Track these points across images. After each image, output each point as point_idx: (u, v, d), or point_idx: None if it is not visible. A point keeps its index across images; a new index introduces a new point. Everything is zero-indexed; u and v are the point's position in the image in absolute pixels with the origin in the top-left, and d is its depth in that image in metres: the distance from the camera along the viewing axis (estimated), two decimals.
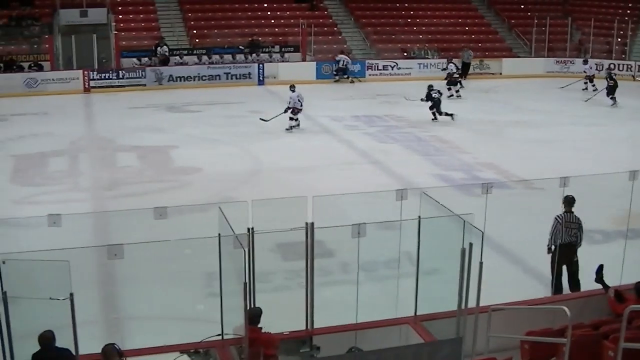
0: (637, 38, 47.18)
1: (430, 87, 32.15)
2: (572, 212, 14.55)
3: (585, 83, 39.60)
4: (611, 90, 35.70)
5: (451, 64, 39.55)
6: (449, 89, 37.68)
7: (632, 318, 10.71)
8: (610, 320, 11.52)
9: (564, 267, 14.70)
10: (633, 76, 43.61)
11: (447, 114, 31.68)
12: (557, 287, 14.54)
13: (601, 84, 37.07)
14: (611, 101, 35.56)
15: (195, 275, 14.69)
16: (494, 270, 12.90)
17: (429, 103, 31.71)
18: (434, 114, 31.56)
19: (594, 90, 37.68)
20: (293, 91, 29.58)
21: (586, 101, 36.03)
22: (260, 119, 29.98)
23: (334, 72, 42.14)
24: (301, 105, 29.52)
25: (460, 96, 37.83)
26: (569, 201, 14.54)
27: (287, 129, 29.03)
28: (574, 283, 14.52)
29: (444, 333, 10.95)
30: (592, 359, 10.68)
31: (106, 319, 14.37)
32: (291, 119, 29.28)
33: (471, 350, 10.92)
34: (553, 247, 14.64)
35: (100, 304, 14.78)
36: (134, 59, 40.09)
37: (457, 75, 38.93)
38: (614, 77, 36.49)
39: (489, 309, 11.53)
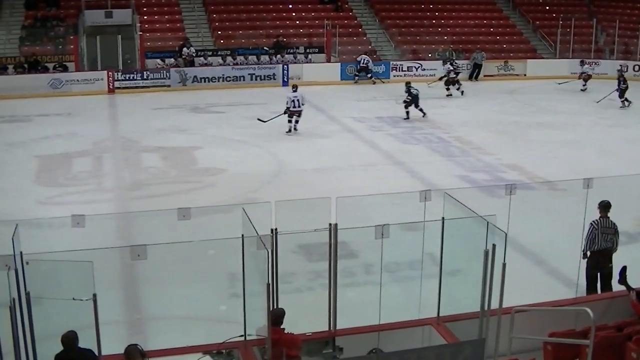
0: None
1: (408, 84, 32.91)
2: (608, 217, 14.36)
3: (584, 85, 39.73)
4: (622, 93, 35.54)
5: (447, 65, 39.76)
6: (447, 89, 38.33)
7: None
8: (634, 321, 11.47)
9: (598, 273, 14.55)
10: None
11: (421, 110, 32.32)
12: (590, 293, 14.41)
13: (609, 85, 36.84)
14: (621, 103, 35.44)
15: (219, 276, 14.72)
16: (517, 271, 12.86)
17: (409, 98, 32.41)
18: (420, 110, 32.34)
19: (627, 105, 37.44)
20: (294, 91, 29.45)
21: (598, 102, 35.76)
22: (258, 119, 29.92)
23: (355, 73, 41.91)
24: (298, 107, 29.16)
25: (463, 91, 38.59)
26: (604, 206, 14.38)
27: (286, 132, 29.13)
28: (607, 289, 14.36)
29: (467, 334, 10.92)
30: None
31: (129, 319, 14.42)
32: (289, 121, 29.28)
33: (494, 351, 10.88)
34: (589, 253, 14.43)
35: (123, 305, 14.84)
36: (158, 60, 40.14)
37: (454, 75, 38.98)
38: (624, 78, 36.50)
39: (512, 310, 11.48)
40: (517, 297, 11.95)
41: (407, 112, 32.20)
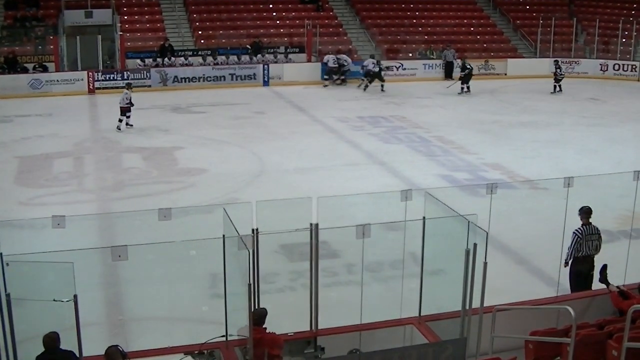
0: None
1: (463, 60, 38.89)
2: (590, 223, 14.24)
3: (555, 86, 40.00)
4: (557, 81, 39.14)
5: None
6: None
7: (636, 317, 10.71)
8: (615, 319, 11.51)
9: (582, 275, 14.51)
10: None
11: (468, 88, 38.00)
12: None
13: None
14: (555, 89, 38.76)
15: (200, 277, 14.72)
16: (499, 270, 12.90)
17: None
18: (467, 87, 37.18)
19: (558, 91, 39.02)
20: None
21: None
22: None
23: (325, 77, 41.48)
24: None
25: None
26: (585, 212, 14.27)
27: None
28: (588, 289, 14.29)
29: (449, 333, 10.95)
30: (596, 358, 10.68)
31: (110, 320, 14.40)
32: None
33: (475, 350, 10.92)
34: (572, 260, 14.27)
35: (104, 306, 14.82)
36: (138, 60, 40.00)
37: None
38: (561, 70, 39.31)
39: (494, 309, 11.52)
40: (498, 296, 12.01)
41: (462, 87, 36.74)
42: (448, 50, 43.95)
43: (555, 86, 39.15)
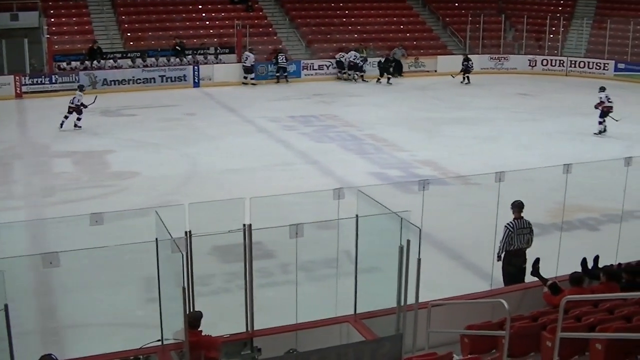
0: (569, 34, 47.96)
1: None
2: (522, 217, 14.35)
3: (464, 78, 41.70)
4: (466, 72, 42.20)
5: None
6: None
7: (568, 308, 10.84)
8: (548, 311, 11.63)
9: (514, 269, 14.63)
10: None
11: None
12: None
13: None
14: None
15: (135, 281, 14.61)
16: (433, 266, 12.97)
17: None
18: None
19: (466, 83, 40.85)
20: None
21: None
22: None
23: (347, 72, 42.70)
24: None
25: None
26: (517, 206, 14.39)
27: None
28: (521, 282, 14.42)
29: (385, 330, 10.97)
30: (531, 350, 10.79)
31: (44, 328, 14.21)
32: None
33: (412, 346, 10.97)
34: (504, 254, 14.40)
35: (37, 314, 14.61)
36: (64, 63, 39.44)
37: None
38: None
39: (429, 305, 11.59)
40: (433, 292, 12.08)
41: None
42: (399, 49, 44.35)
43: (465, 77, 42.04)
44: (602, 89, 29.26)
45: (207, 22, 45.53)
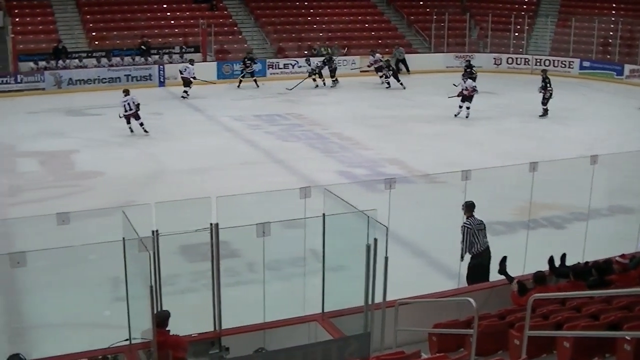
0: (533, 32, 48.26)
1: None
2: (474, 215, 14.42)
3: (381, 76, 41.09)
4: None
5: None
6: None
7: (535, 307, 10.93)
8: (516, 309, 11.74)
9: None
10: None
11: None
12: None
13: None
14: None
15: (101, 281, 14.56)
16: (400, 264, 13.01)
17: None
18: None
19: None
20: (125, 96, 29.08)
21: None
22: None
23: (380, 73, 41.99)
24: (128, 111, 28.93)
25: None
26: (469, 206, 14.45)
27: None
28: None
29: (352, 329, 11.03)
30: (498, 348, 10.88)
31: (10, 328, 14.15)
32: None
33: (380, 344, 11.03)
34: (471, 257, 14.45)
35: (3, 314, 14.56)
36: (31, 63, 39.20)
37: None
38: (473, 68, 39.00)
39: (396, 303, 11.66)
40: (400, 290, 12.12)
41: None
42: (397, 49, 44.55)
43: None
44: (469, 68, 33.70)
45: (172, 22, 45.38)
